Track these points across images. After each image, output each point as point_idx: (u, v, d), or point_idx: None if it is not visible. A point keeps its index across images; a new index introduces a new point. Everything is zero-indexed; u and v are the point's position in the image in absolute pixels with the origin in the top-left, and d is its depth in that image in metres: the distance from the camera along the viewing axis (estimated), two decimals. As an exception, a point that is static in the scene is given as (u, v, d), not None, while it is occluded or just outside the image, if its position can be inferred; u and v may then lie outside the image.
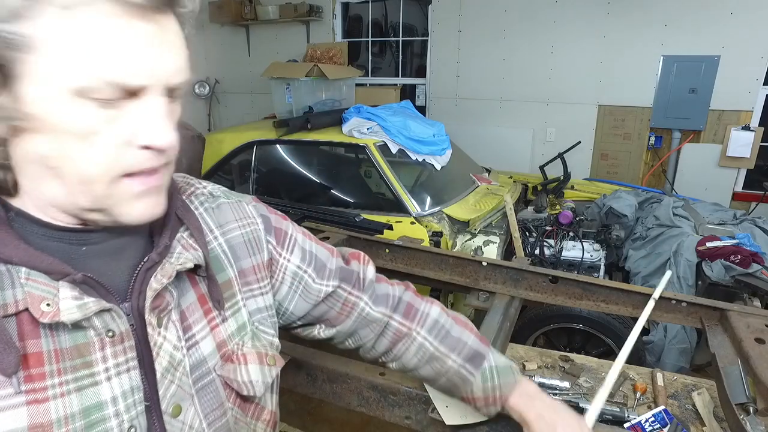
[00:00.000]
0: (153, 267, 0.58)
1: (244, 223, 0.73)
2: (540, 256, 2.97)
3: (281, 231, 0.77)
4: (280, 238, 0.76)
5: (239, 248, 0.71)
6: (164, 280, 0.57)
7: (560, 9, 4.54)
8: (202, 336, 0.63)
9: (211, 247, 0.68)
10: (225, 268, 0.69)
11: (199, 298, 0.64)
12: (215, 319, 0.66)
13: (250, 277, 0.71)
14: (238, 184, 3.55)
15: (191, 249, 0.62)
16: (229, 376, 0.65)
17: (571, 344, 2.66)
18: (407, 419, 1.35)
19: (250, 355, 0.68)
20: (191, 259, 0.61)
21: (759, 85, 4.02)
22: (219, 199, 0.72)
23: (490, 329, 1.81)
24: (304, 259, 0.79)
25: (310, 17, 5.53)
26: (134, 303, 0.57)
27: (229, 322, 0.67)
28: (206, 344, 0.64)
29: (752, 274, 2.29)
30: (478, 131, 4.98)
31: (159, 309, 0.58)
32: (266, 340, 0.72)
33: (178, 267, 0.59)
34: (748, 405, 1.33)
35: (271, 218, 0.77)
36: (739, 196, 4.30)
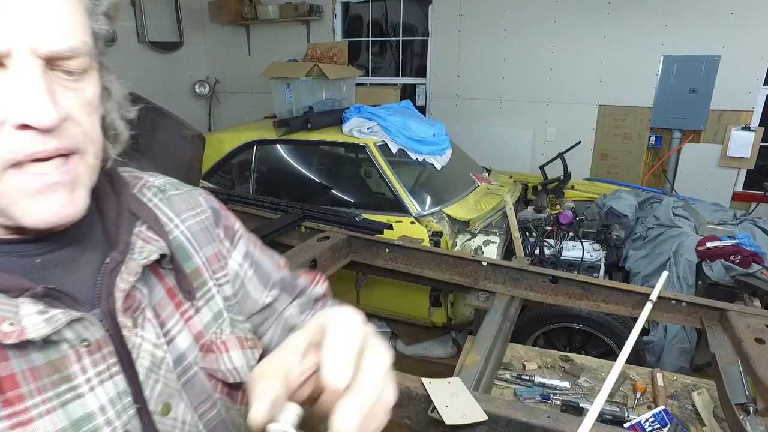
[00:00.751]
0: (117, 267, 0.55)
1: (197, 211, 0.70)
2: (540, 256, 2.97)
3: (229, 227, 0.74)
4: (228, 232, 0.73)
5: (199, 235, 0.68)
6: (131, 278, 0.55)
7: (560, 9, 4.54)
8: (178, 330, 0.61)
9: (174, 235, 0.64)
10: (191, 256, 0.65)
11: (167, 291, 0.61)
12: (188, 311, 0.63)
13: (215, 264, 0.68)
14: (239, 183, 3.55)
15: (153, 241, 0.59)
16: (212, 367, 0.63)
17: (571, 344, 2.66)
18: (407, 419, 1.35)
19: (230, 341, 0.65)
20: (155, 251, 0.58)
21: (759, 85, 4.02)
22: (168, 192, 0.69)
23: (490, 329, 1.81)
24: (247, 258, 0.75)
25: (311, 17, 5.53)
26: (104, 308, 0.54)
27: (203, 311, 0.64)
28: (183, 338, 0.61)
29: (752, 274, 2.29)
30: (478, 131, 4.98)
31: (132, 309, 0.55)
32: (243, 326, 0.69)
33: (143, 261, 0.56)
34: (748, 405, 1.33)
35: (221, 212, 0.74)
36: (740, 196, 4.30)
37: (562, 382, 1.68)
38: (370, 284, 2.94)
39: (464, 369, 1.55)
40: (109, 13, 0.55)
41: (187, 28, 6.03)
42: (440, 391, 1.30)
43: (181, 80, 6.09)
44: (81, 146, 0.50)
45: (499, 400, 1.32)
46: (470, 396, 1.29)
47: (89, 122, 0.50)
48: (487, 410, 1.24)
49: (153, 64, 5.73)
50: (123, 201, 0.60)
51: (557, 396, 1.63)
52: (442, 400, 1.26)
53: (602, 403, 0.78)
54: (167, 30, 5.85)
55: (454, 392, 1.30)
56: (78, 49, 0.47)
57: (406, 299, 3.00)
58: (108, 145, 0.59)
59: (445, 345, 3.27)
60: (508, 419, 1.24)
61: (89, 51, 0.49)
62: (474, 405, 1.25)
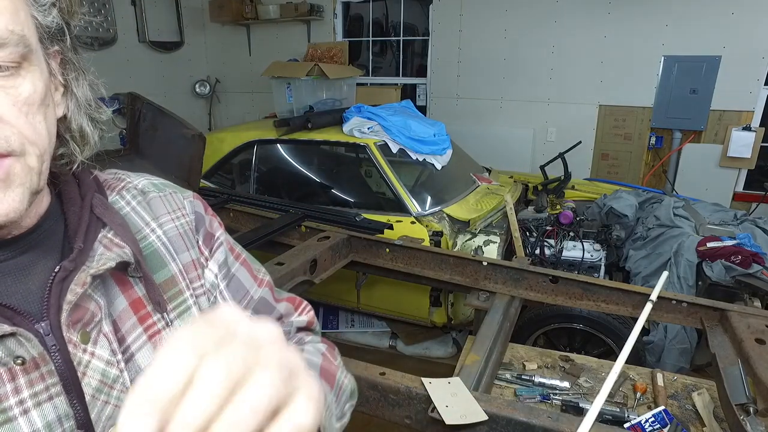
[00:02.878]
0: (68, 276, 0.50)
1: (177, 215, 0.65)
2: (540, 256, 2.97)
3: (210, 234, 0.69)
4: (208, 240, 0.68)
5: (176, 241, 0.63)
6: (78, 289, 0.49)
7: (561, 9, 4.54)
8: (139, 346, 0.55)
9: (149, 240, 0.60)
10: (167, 263, 0.61)
11: (131, 303, 0.56)
12: (156, 324, 0.57)
13: (192, 273, 0.64)
14: (239, 183, 3.55)
15: (115, 248, 0.54)
16: None
17: (572, 344, 2.66)
18: (407, 419, 1.35)
19: None
20: (113, 258, 0.53)
21: (760, 86, 4.02)
22: (149, 194, 0.64)
23: (491, 329, 1.81)
24: (222, 269, 0.69)
25: (311, 16, 5.53)
26: (54, 321, 0.49)
27: (176, 325, 0.59)
28: (144, 355, 0.56)
29: (753, 274, 2.28)
30: (478, 131, 4.98)
31: (83, 323, 0.50)
32: None
33: (93, 271, 0.51)
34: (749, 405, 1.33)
35: (205, 218, 0.69)
36: (740, 197, 4.30)
37: (562, 382, 1.68)
38: (370, 284, 2.94)
39: (464, 369, 1.55)
40: (61, 5, 0.50)
41: (188, 27, 6.03)
42: (440, 391, 1.31)
43: (181, 80, 6.09)
44: (16, 148, 0.46)
45: (499, 400, 1.32)
46: (470, 396, 1.29)
47: (27, 123, 0.46)
48: (487, 410, 1.24)
49: (153, 63, 5.73)
50: (86, 205, 0.55)
51: (557, 396, 1.63)
52: (442, 400, 1.26)
53: (602, 403, 0.78)
54: (168, 29, 5.85)
55: (455, 392, 1.31)
56: (3, 39, 0.43)
57: (406, 299, 3.00)
58: (74, 147, 0.55)
59: (446, 345, 3.27)
60: (508, 419, 1.24)
61: (21, 42, 0.44)
62: (474, 405, 1.26)
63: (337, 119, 3.52)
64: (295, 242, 2.51)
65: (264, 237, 2.41)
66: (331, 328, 3.47)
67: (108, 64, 5.07)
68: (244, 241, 2.32)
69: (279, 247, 2.53)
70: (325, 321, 3.50)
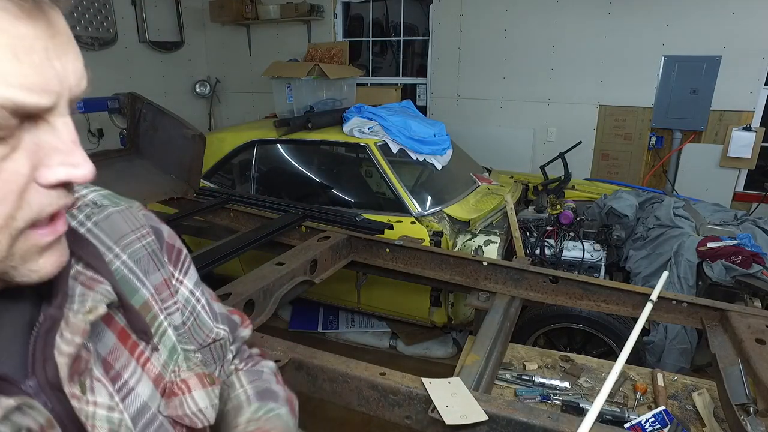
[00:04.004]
0: (54, 326, 0.45)
1: (142, 233, 0.61)
2: (540, 256, 2.97)
3: (174, 247, 0.65)
4: (172, 255, 0.64)
5: (146, 262, 0.59)
6: (77, 339, 0.45)
7: (561, 9, 4.54)
8: (136, 380, 0.53)
9: (114, 267, 0.55)
10: (137, 289, 0.57)
11: (119, 335, 0.53)
12: (144, 353, 0.55)
13: (165, 292, 0.61)
14: (239, 183, 3.56)
15: (96, 284, 0.50)
16: (177, 413, 0.56)
17: (572, 344, 2.66)
18: (407, 419, 1.35)
19: (191, 380, 0.58)
20: (101, 300, 0.49)
21: (760, 86, 4.02)
22: (107, 209, 0.59)
23: (491, 329, 1.81)
24: (199, 285, 0.67)
25: (311, 17, 5.53)
26: (41, 377, 0.44)
27: (160, 349, 0.57)
28: (143, 387, 0.54)
29: (753, 274, 2.28)
30: (478, 131, 4.98)
31: (78, 373, 0.46)
32: (194, 358, 0.62)
33: (91, 317, 0.47)
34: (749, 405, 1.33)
35: (163, 231, 0.65)
36: (740, 197, 4.30)
37: (562, 383, 1.68)
38: (370, 284, 2.94)
39: (464, 369, 1.55)
40: None
41: (188, 27, 6.03)
42: (440, 391, 1.31)
43: (181, 80, 6.09)
44: None
45: (500, 400, 1.32)
46: (470, 396, 1.29)
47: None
48: (487, 410, 1.24)
49: (154, 63, 5.73)
50: None
51: (557, 396, 1.63)
52: (442, 400, 1.26)
53: (602, 403, 0.77)
54: (168, 30, 5.85)
55: (455, 392, 1.31)
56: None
57: (406, 299, 3.00)
58: None
59: (446, 345, 3.27)
60: (508, 419, 1.24)
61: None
62: (474, 405, 1.25)
63: (338, 119, 3.53)
64: (295, 242, 2.51)
65: (264, 237, 2.41)
66: (331, 328, 3.47)
67: (108, 64, 5.07)
68: (245, 242, 2.32)
69: (279, 247, 2.53)
70: (325, 321, 3.50)
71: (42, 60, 0.37)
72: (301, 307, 3.54)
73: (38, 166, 0.39)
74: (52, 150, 0.39)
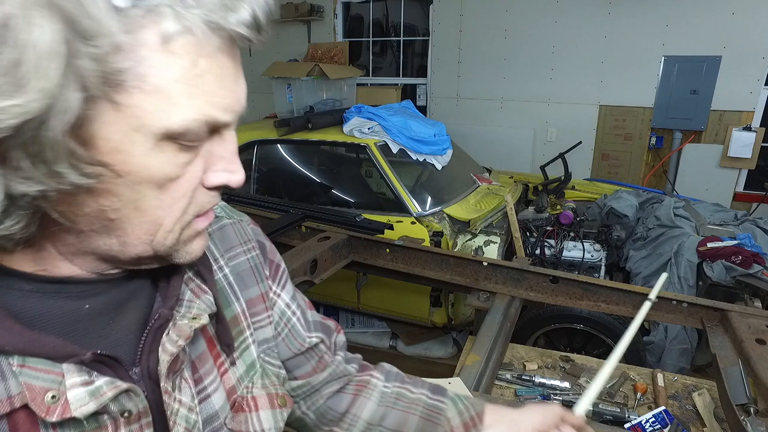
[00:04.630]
0: (164, 324, 0.50)
1: (248, 247, 0.66)
2: (540, 257, 2.97)
3: (274, 263, 0.70)
4: (272, 269, 0.69)
5: (247, 276, 0.64)
6: (181, 341, 0.50)
7: (561, 9, 4.54)
8: (214, 388, 0.56)
9: (216, 278, 0.60)
10: (230, 303, 0.61)
11: (208, 343, 0.57)
12: (224, 364, 0.58)
13: (259, 306, 0.65)
14: (239, 183, 3.55)
15: (202, 294, 0.55)
16: (240, 429, 0.58)
17: (572, 344, 2.66)
18: (407, 419, 1.35)
19: (261, 398, 0.61)
20: (204, 310, 0.53)
21: (760, 86, 4.02)
22: (222, 220, 0.64)
23: (491, 329, 1.81)
24: (294, 299, 0.72)
25: (311, 17, 5.54)
26: (144, 367, 0.50)
27: (238, 364, 0.60)
28: (218, 396, 0.57)
29: (753, 274, 2.28)
30: (479, 131, 4.98)
31: (173, 372, 0.51)
32: (274, 375, 0.65)
33: (195, 325, 0.52)
34: (749, 406, 1.33)
35: (267, 246, 0.70)
36: (740, 197, 4.30)
37: (562, 383, 1.68)
38: (370, 284, 2.94)
39: (465, 369, 1.55)
40: None
41: (188, 27, 6.04)
42: (441, 391, 1.30)
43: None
44: None
45: (500, 401, 1.32)
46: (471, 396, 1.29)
47: None
48: (487, 410, 1.24)
49: (154, 63, 5.73)
50: None
51: (557, 396, 1.63)
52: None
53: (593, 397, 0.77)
54: (168, 30, 5.85)
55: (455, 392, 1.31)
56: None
57: (406, 299, 3.00)
58: None
59: (446, 345, 3.27)
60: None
61: None
62: (474, 405, 1.25)
63: (338, 119, 3.52)
64: (296, 242, 2.51)
65: (264, 237, 2.41)
66: (331, 328, 3.47)
67: (108, 64, 5.07)
68: (245, 242, 2.32)
69: (279, 247, 2.51)
70: (325, 321, 3.50)
71: (232, 85, 0.45)
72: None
73: (206, 170, 0.46)
74: (218, 158, 0.46)
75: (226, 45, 0.43)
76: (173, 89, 0.40)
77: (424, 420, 0.78)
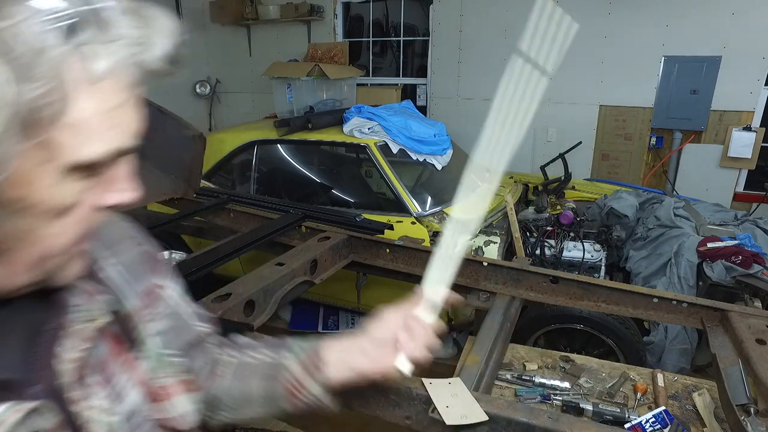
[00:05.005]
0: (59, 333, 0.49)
1: (135, 242, 0.66)
2: (540, 257, 2.97)
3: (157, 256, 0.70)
4: (158, 261, 0.70)
5: (137, 269, 0.63)
6: (81, 346, 0.48)
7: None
8: (128, 385, 0.56)
9: (108, 274, 0.59)
10: (126, 297, 0.60)
11: (112, 342, 0.56)
12: (132, 360, 0.58)
13: (152, 298, 0.65)
14: (239, 183, 3.55)
15: (97, 293, 0.54)
16: (163, 416, 0.59)
17: (572, 345, 2.66)
18: (407, 419, 1.35)
19: (173, 386, 0.62)
20: (102, 309, 0.52)
21: (760, 86, 4.02)
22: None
23: (491, 329, 1.81)
24: (180, 291, 0.72)
25: (311, 17, 5.53)
26: (46, 382, 0.47)
27: (145, 357, 0.60)
28: (134, 392, 0.56)
29: (753, 274, 2.28)
30: (479, 131, 4.97)
31: (78, 379, 0.49)
32: (179, 364, 0.65)
33: (94, 326, 0.50)
34: (749, 406, 1.32)
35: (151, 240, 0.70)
36: (741, 197, 4.30)
37: (562, 383, 1.67)
38: (370, 284, 2.94)
39: (465, 369, 1.55)
40: None
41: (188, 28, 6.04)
42: (441, 391, 1.30)
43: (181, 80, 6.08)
44: None
45: (500, 401, 1.32)
46: (471, 396, 1.29)
47: None
48: (487, 410, 1.24)
49: (154, 64, 5.73)
50: None
51: (558, 396, 1.62)
52: (442, 400, 1.26)
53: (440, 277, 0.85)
54: (168, 30, 5.85)
55: (455, 392, 1.30)
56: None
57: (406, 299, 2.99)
58: None
59: (446, 345, 3.27)
60: (508, 419, 1.23)
61: None
62: (474, 405, 1.25)
63: (338, 119, 3.52)
64: (296, 242, 2.51)
65: (264, 237, 2.41)
66: (331, 328, 3.47)
67: (108, 64, 5.07)
68: (245, 242, 2.32)
69: (279, 247, 2.53)
70: (325, 321, 3.50)
71: (139, 113, 0.46)
72: (301, 307, 3.54)
73: (105, 194, 0.47)
74: (116, 179, 0.47)
75: (139, 78, 0.45)
76: (92, 122, 0.41)
77: (265, 380, 0.77)
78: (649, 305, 1.90)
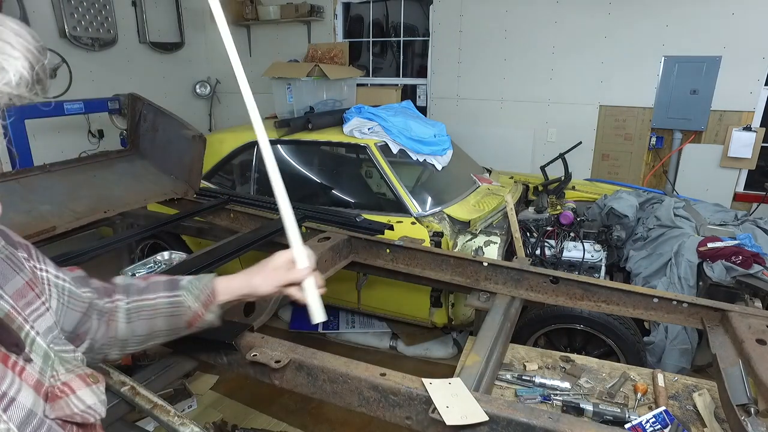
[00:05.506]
0: None
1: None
2: (541, 257, 2.97)
3: (23, 243, 0.69)
4: (25, 250, 0.68)
5: (3, 269, 0.62)
6: None
7: (561, 9, 4.54)
8: (16, 389, 0.55)
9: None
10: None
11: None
12: (18, 363, 0.57)
13: (29, 295, 0.64)
14: (239, 184, 3.55)
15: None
16: (65, 413, 0.59)
17: (572, 345, 2.66)
18: (408, 419, 1.35)
19: (73, 381, 0.61)
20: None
21: (760, 86, 4.02)
22: None
23: (491, 329, 1.81)
24: (57, 267, 0.73)
25: (311, 17, 5.54)
26: None
27: (33, 358, 0.59)
28: (24, 396, 0.55)
29: (753, 274, 2.28)
30: (479, 131, 4.98)
31: None
32: (73, 359, 0.65)
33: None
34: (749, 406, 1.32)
35: (6, 232, 0.67)
36: (741, 197, 4.30)
37: (562, 383, 1.67)
38: (370, 284, 2.94)
39: (465, 369, 1.55)
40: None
41: (188, 28, 6.04)
42: (441, 391, 1.30)
43: (182, 81, 6.09)
44: None
45: (500, 401, 1.32)
46: (471, 396, 1.29)
47: None
48: (487, 411, 1.24)
49: (154, 64, 5.73)
50: None
51: (558, 396, 1.62)
52: (442, 400, 1.26)
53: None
54: (168, 30, 5.85)
55: (455, 393, 1.30)
56: None
57: (406, 300, 3.00)
58: None
59: (446, 345, 3.27)
60: (508, 420, 1.23)
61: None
62: (475, 405, 1.25)
63: (338, 120, 3.52)
64: (296, 243, 2.50)
65: (264, 237, 2.41)
66: (331, 328, 3.47)
67: (108, 65, 5.07)
68: (245, 242, 2.32)
69: (279, 247, 2.50)
70: (325, 322, 3.49)
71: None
72: (302, 307, 3.52)
73: None
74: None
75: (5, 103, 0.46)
76: None
77: (168, 317, 0.93)
78: (650, 305, 1.90)
